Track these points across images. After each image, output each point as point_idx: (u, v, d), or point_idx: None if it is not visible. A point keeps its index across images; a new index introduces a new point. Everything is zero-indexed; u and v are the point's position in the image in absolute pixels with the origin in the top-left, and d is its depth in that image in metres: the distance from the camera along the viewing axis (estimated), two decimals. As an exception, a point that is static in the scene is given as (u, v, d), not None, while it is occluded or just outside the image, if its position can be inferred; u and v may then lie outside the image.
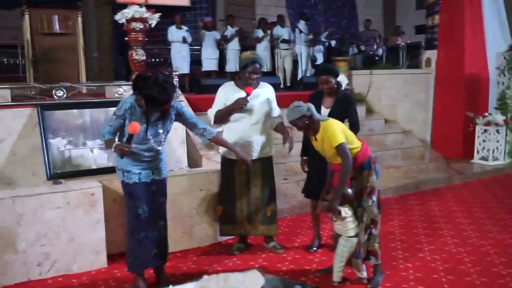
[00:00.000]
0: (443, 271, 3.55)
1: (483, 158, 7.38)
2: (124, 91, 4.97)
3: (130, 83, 3.07)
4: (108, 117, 3.90)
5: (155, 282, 3.37)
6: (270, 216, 3.89)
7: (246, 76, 3.69)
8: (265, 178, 3.87)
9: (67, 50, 6.14)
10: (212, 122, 3.82)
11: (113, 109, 3.13)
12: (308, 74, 9.29)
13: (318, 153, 3.32)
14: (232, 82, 3.88)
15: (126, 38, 5.38)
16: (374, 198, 3.18)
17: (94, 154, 4.37)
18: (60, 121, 4.35)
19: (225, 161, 3.89)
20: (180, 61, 8.85)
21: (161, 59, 10.98)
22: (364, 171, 3.16)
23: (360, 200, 3.17)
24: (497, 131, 7.28)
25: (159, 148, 3.19)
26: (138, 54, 5.35)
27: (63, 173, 4.21)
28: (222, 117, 3.74)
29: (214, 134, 3.36)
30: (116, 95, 4.94)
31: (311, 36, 9.84)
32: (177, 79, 5.21)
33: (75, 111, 4.45)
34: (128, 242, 3.24)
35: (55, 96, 4.56)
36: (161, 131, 3.12)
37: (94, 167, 4.35)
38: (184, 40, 8.79)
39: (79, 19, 6.23)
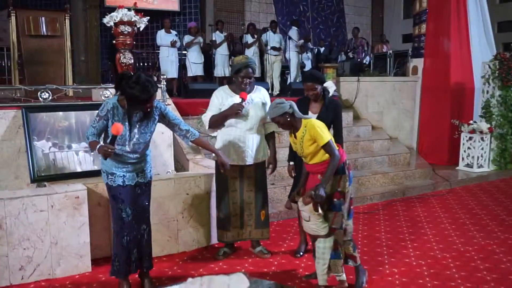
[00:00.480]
0: (428, 276, 3.56)
1: (468, 165, 7.47)
2: (111, 94, 4.93)
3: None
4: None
5: (140, 287, 3.33)
6: (263, 220, 3.89)
7: (239, 81, 3.68)
8: (258, 183, 3.86)
9: (54, 52, 6.07)
10: (207, 127, 3.80)
11: (99, 112, 3.10)
12: (298, 80, 9.34)
13: None
14: (226, 86, 3.87)
15: (114, 42, 5.36)
16: (346, 204, 3.17)
17: (79, 157, 4.32)
18: (45, 124, 4.29)
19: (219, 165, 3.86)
20: (169, 66, 8.83)
21: (149, 63, 10.96)
22: (337, 175, 3.14)
23: (329, 204, 3.14)
24: (482, 138, 7.38)
25: (144, 149, 3.16)
26: (126, 58, 5.32)
27: (47, 176, 4.15)
28: (217, 122, 3.72)
29: (196, 136, 3.33)
30: (103, 98, 4.90)
31: (302, 41, 9.90)
32: (165, 83, 5.18)
33: (60, 113, 4.40)
34: (115, 246, 3.21)
35: (40, 98, 4.50)
36: (144, 131, 3.09)
37: (79, 170, 4.30)
38: (173, 45, 8.78)
39: (67, 22, 6.17)
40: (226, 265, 3.81)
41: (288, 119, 3.14)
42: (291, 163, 3.91)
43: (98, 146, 2.92)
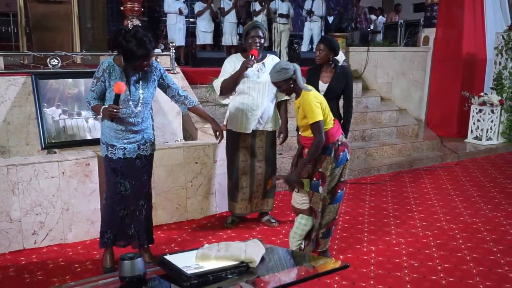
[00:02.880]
0: (435, 246, 3.60)
1: (476, 138, 7.43)
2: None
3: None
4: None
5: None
6: (269, 190, 3.92)
7: (249, 42, 3.65)
8: (268, 153, 3.86)
9: (61, 18, 5.98)
10: (218, 93, 3.77)
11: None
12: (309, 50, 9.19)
13: None
14: (238, 54, 3.84)
15: (122, 8, 5.28)
16: (325, 187, 3.06)
17: (89, 124, 4.33)
18: (54, 90, 4.29)
19: (230, 134, 3.85)
20: (176, 33, 8.70)
21: (157, 30, 10.79)
22: (321, 155, 3.05)
23: (310, 182, 3.12)
24: (492, 111, 7.30)
25: (145, 114, 2.99)
26: (134, 24, 5.25)
27: (58, 142, 4.16)
28: (229, 85, 3.68)
29: (194, 103, 3.23)
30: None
31: (309, 18, 9.68)
32: (173, 51, 5.12)
33: (70, 80, 4.38)
34: (106, 218, 3.10)
35: (49, 65, 4.47)
36: (141, 91, 2.92)
37: (88, 137, 4.31)
38: (181, 12, 8.64)
39: (74, -13, 6.07)
40: (235, 233, 3.86)
41: (292, 86, 3.01)
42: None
43: (102, 108, 2.82)
